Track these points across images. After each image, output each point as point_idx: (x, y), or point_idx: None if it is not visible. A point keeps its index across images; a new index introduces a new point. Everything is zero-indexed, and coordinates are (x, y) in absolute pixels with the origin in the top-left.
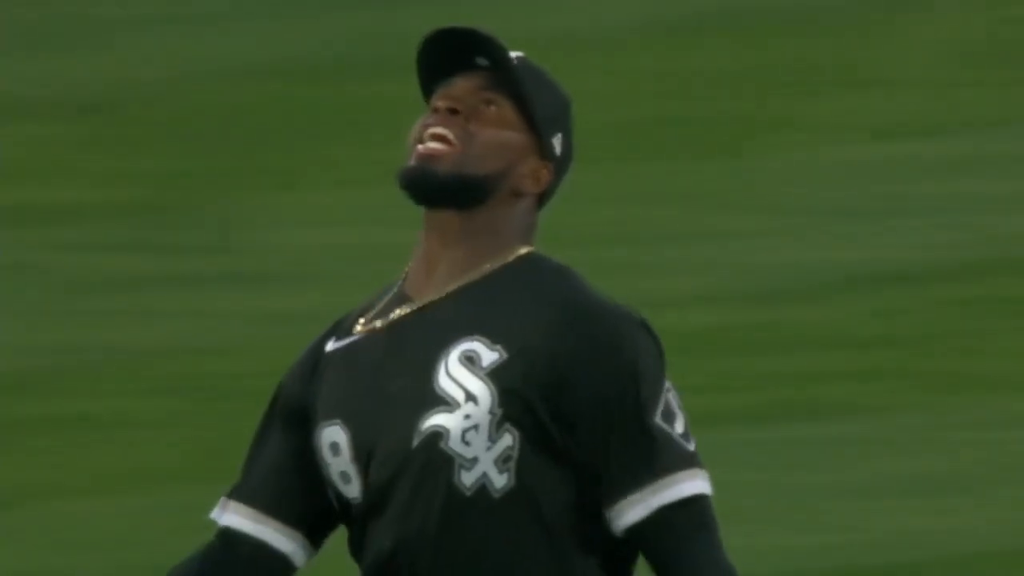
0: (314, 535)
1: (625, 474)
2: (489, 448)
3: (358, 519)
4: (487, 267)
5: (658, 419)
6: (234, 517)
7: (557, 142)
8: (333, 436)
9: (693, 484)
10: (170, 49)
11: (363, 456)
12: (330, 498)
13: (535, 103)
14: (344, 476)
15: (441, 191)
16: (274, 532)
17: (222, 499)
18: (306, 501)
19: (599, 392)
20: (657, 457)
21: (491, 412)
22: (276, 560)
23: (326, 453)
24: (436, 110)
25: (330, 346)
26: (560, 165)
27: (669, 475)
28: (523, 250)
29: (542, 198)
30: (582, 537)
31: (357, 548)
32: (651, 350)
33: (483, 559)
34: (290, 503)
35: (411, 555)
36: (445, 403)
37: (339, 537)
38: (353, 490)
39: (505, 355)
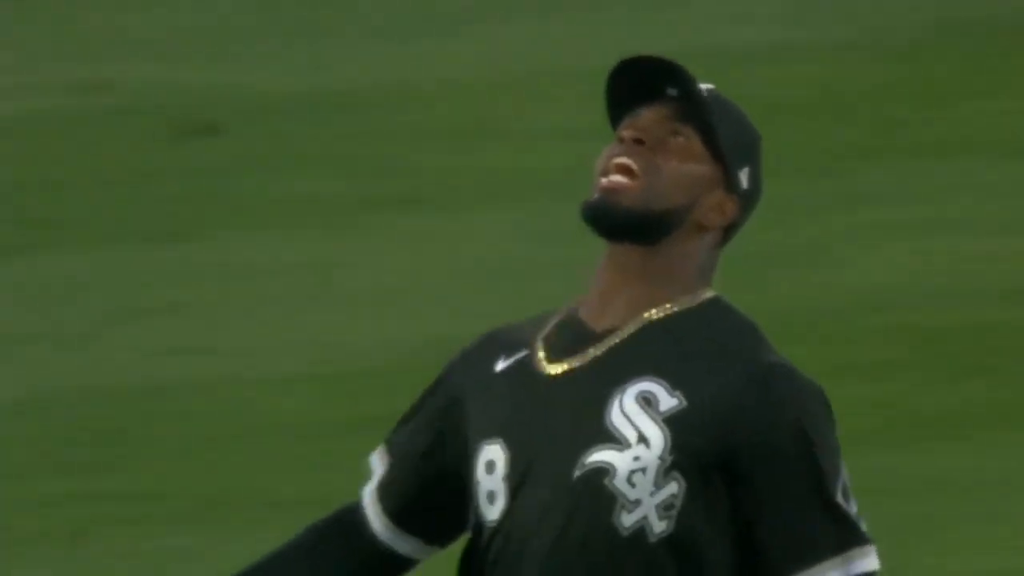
0: (441, 539)
1: (801, 546)
2: (653, 493)
3: (489, 540)
4: (671, 307)
5: (838, 495)
6: (369, 509)
7: (744, 175)
8: (491, 455)
9: (870, 561)
10: None
11: (516, 477)
12: (465, 508)
13: (722, 135)
14: (491, 496)
15: (624, 225)
16: (397, 537)
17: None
18: (437, 514)
19: (776, 457)
20: (838, 532)
21: (661, 458)
22: (394, 556)
23: (480, 471)
24: (622, 140)
25: (500, 365)
26: (747, 199)
27: (847, 551)
28: (709, 294)
29: (727, 233)
30: None
31: (477, 568)
32: (831, 422)
33: None
34: (419, 517)
35: (555, 570)
36: (615, 440)
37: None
38: (495, 511)
39: (684, 403)
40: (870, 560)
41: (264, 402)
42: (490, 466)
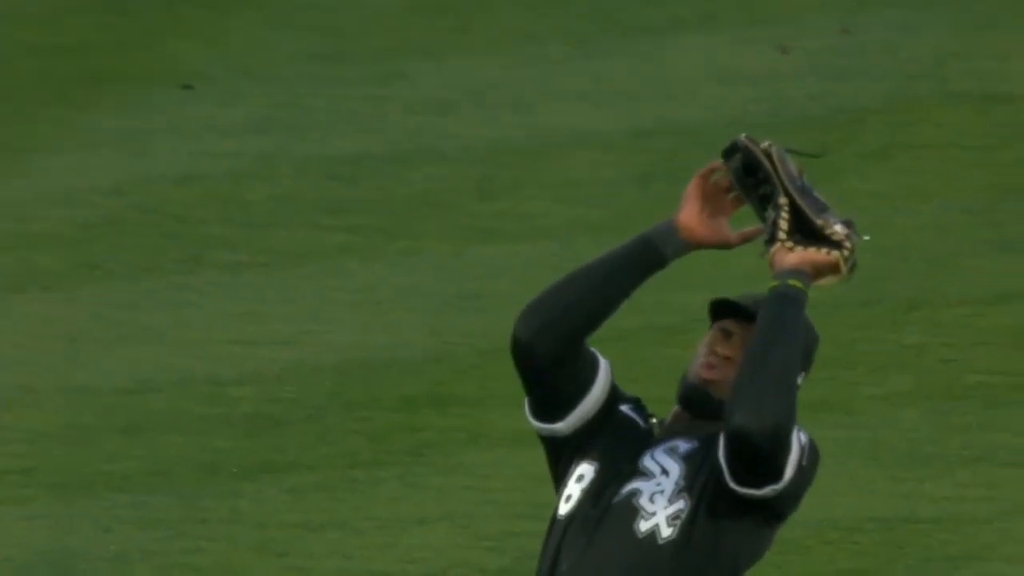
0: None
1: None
2: (666, 507)
3: (558, 527)
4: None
5: None
6: (600, 358)
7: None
8: (585, 471)
9: None
10: None
11: (590, 492)
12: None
13: None
14: (568, 497)
15: (711, 411)
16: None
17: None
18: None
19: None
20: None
21: (676, 482)
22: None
23: (572, 478)
24: (722, 330)
25: (624, 407)
26: None
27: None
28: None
29: None
30: None
31: (554, 547)
32: None
33: None
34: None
35: (585, 566)
36: (643, 475)
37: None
38: (564, 508)
39: (697, 445)
40: None
41: None
42: (580, 478)
